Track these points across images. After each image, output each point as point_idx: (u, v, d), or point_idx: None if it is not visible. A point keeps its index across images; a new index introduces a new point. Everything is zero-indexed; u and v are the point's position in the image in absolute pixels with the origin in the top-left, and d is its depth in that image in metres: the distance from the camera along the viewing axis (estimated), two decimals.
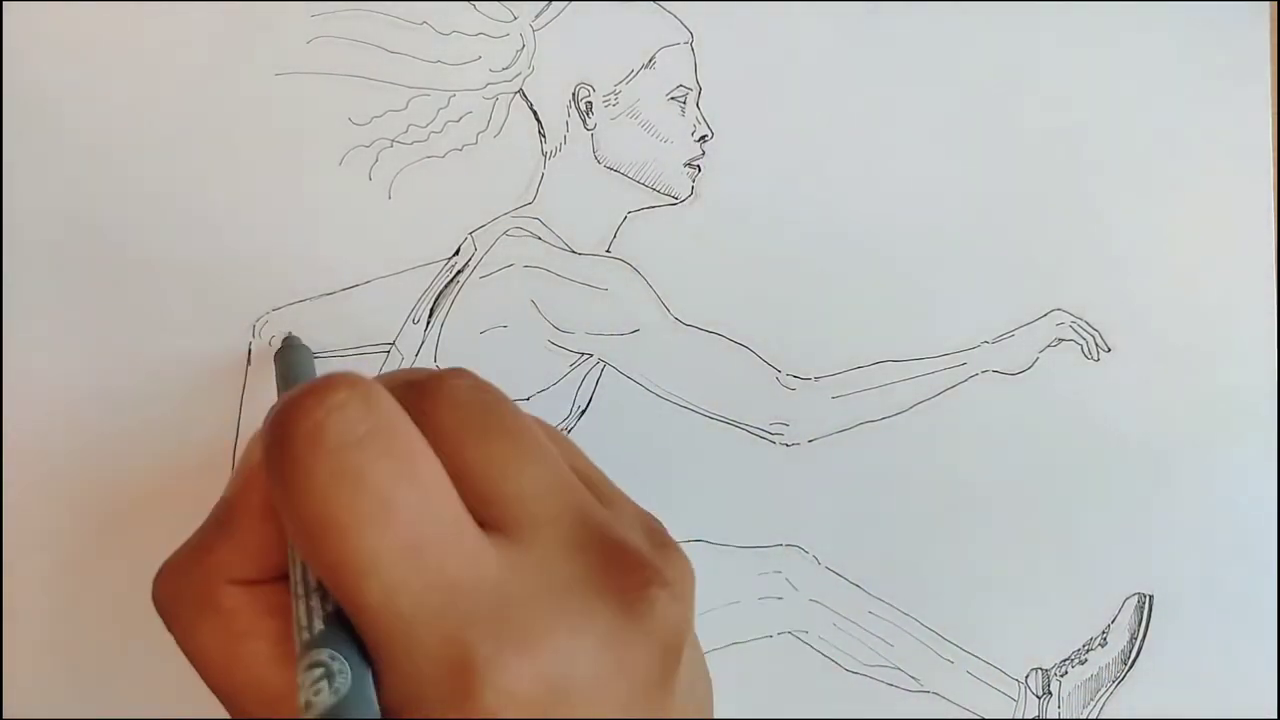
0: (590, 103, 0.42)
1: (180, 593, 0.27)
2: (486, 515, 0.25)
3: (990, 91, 0.44)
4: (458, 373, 0.26)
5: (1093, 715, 0.39)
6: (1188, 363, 0.42)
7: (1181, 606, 0.40)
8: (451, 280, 0.41)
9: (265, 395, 0.40)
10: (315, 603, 0.24)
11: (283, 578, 0.26)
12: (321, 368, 0.40)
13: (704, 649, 0.39)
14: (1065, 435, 0.41)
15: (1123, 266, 0.43)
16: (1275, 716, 0.39)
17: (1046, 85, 0.44)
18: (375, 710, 0.22)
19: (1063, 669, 0.39)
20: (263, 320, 0.40)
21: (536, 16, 0.43)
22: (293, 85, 0.42)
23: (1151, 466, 0.41)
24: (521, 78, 0.42)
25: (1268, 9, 0.44)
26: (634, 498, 0.40)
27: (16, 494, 0.39)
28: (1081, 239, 0.43)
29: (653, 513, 0.40)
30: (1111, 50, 0.44)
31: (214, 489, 0.39)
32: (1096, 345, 0.42)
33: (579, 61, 0.42)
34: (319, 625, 0.23)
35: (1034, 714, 0.39)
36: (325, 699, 0.21)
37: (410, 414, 0.24)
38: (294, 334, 0.40)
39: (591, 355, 0.40)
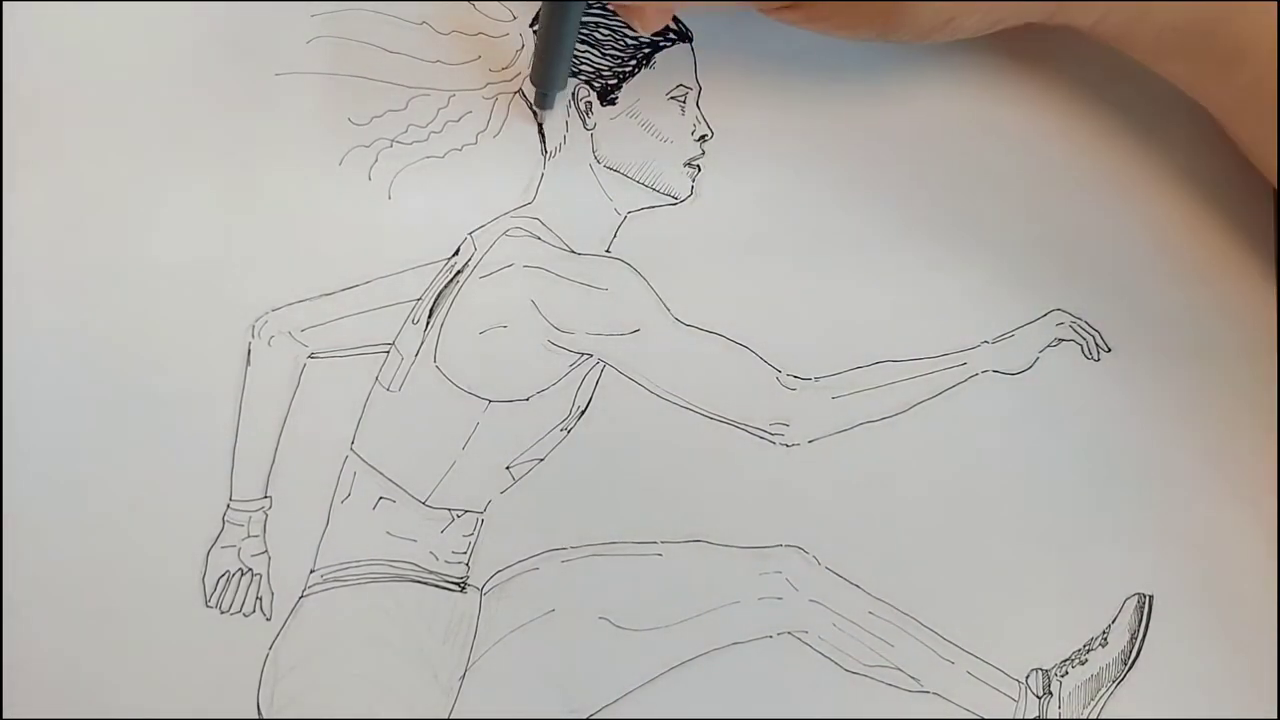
0: (590, 102, 0.42)
1: None
2: None
3: (989, 91, 0.44)
4: None
5: (1093, 715, 0.39)
6: (1188, 363, 0.42)
7: (1181, 606, 0.40)
8: (451, 280, 0.41)
9: (265, 395, 0.40)
10: None
11: None
12: (321, 367, 0.40)
13: (704, 649, 0.39)
14: (1065, 435, 0.41)
15: (1123, 266, 0.43)
16: (1275, 717, 0.39)
17: (1046, 90, 0.44)
18: None
19: (1063, 669, 0.39)
20: (262, 320, 0.40)
21: (536, 16, 0.43)
22: (293, 85, 0.42)
23: (1151, 466, 0.41)
24: (521, 78, 0.42)
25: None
26: (634, 498, 0.40)
27: (16, 494, 0.39)
28: (1081, 239, 0.43)
29: (653, 513, 0.40)
30: (1108, 57, 0.44)
31: (214, 489, 0.39)
32: (1096, 345, 0.42)
33: (578, 61, 0.42)
34: None
35: (1034, 714, 0.39)
36: None
37: None
38: None
39: (591, 355, 0.40)
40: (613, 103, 0.42)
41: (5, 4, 0.42)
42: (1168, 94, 0.42)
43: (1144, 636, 0.39)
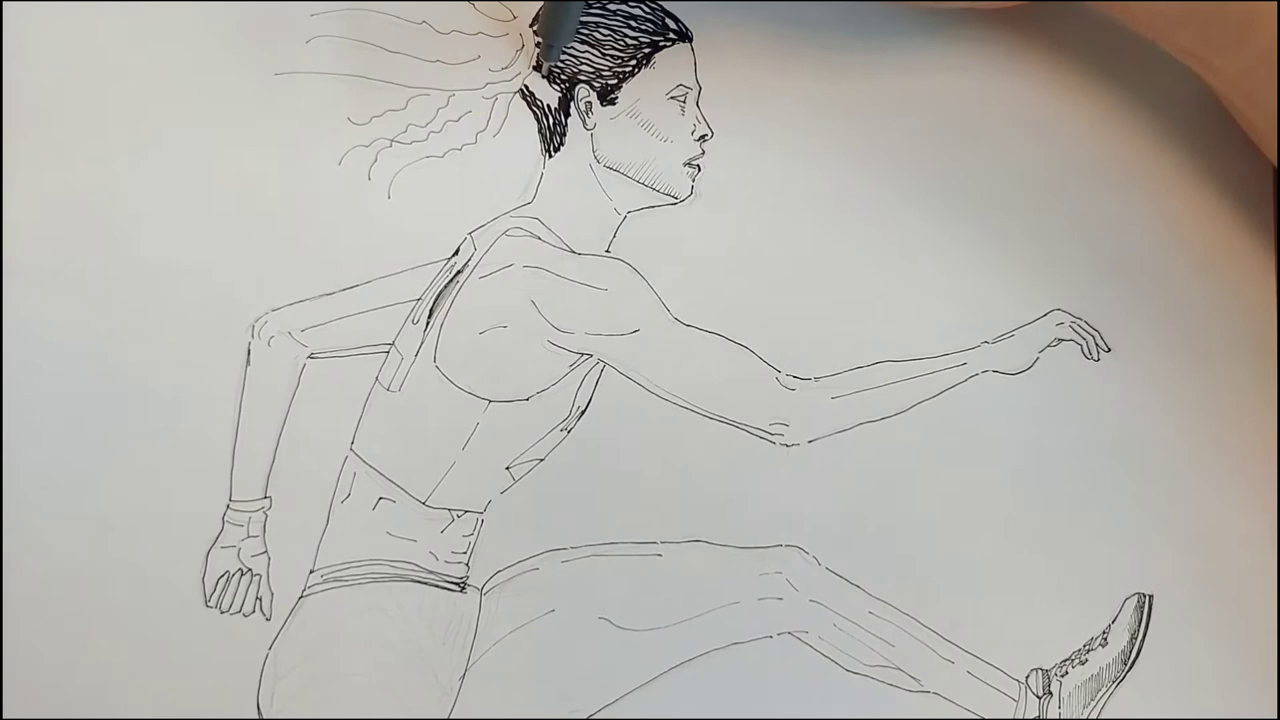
0: (590, 102, 0.42)
1: None
2: None
3: (988, 90, 0.44)
4: None
5: (1093, 715, 0.39)
6: (1188, 363, 0.42)
7: (1181, 606, 0.40)
8: (451, 280, 0.41)
9: (265, 395, 0.40)
10: None
11: None
12: (321, 367, 0.40)
13: (704, 649, 0.39)
14: (1065, 435, 0.41)
15: (1123, 266, 0.43)
16: (1275, 717, 0.39)
17: (1046, 87, 0.44)
18: None
19: (1063, 669, 0.39)
20: (262, 320, 0.40)
21: (536, 16, 0.43)
22: (293, 85, 0.42)
23: (1151, 466, 0.41)
24: (521, 77, 0.42)
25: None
26: (634, 498, 0.40)
27: (16, 494, 0.39)
28: (1081, 239, 0.43)
29: (653, 513, 0.40)
30: (1110, 48, 0.44)
31: (214, 489, 0.39)
32: (1096, 345, 0.42)
33: (577, 61, 0.42)
34: None
35: (1034, 714, 0.39)
36: None
37: None
38: None
39: (591, 355, 0.40)
40: (613, 103, 0.42)
41: (5, 4, 0.42)
42: (1174, 82, 0.42)
43: (1144, 636, 0.39)
